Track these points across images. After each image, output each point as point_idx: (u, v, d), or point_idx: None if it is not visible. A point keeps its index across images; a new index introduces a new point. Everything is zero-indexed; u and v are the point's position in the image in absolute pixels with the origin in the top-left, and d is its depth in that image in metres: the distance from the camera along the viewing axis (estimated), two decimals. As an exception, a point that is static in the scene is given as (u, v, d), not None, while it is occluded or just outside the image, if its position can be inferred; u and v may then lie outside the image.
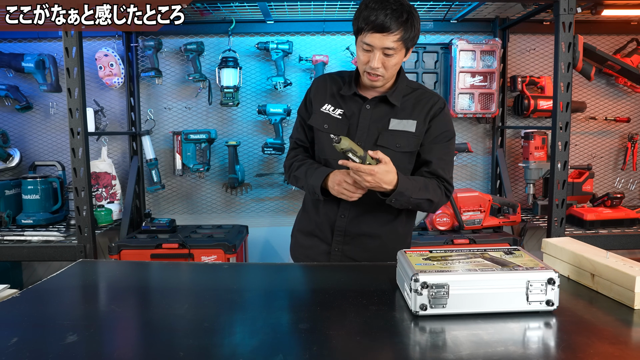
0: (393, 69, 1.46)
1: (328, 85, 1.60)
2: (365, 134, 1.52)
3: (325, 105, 1.57)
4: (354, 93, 1.55)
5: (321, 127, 1.56)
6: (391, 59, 1.43)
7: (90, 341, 0.94)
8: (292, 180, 1.63)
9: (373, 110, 1.53)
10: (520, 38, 3.00)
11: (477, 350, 0.85)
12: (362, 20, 1.40)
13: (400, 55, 1.44)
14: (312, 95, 1.61)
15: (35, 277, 3.02)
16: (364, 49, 1.43)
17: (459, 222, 2.58)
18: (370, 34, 1.39)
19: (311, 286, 1.28)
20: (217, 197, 3.06)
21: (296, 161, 1.62)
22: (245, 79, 2.93)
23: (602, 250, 1.19)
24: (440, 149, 1.53)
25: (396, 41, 1.39)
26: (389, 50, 1.40)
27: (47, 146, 2.99)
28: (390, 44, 1.39)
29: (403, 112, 1.53)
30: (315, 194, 1.51)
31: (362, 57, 1.45)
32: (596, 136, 3.09)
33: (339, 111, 1.55)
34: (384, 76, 1.46)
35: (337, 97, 1.57)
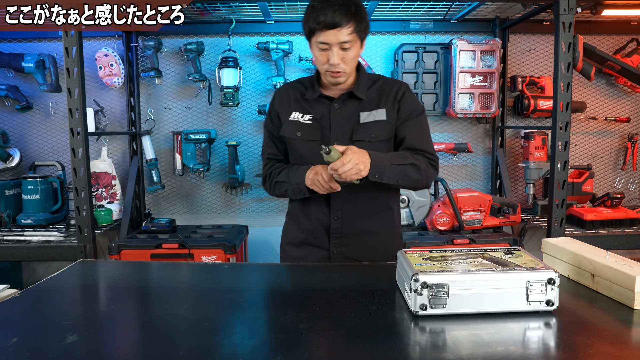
0: (352, 62, 1.49)
1: (291, 94, 1.61)
2: (339, 132, 1.54)
3: (293, 113, 1.58)
4: (319, 95, 1.56)
5: (294, 135, 1.57)
6: (349, 53, 1.46)
7: (90, 341, 0.94)
8: (275, 189, 1.61)
9: (342, 109, 1.55)
10: (520, 38, 3.00)
11: (477, 350, 0.85)
12: (312, 22, 1.43)
13: (356, 47, 1.47)
14: (278, 107, 1.61)
15: (35, 277, 3.02)
16: (321, 48, 1.46)
17: (459, 222, 2.58)
18: (324, 32, 1.42)
19: (311, 286, 1.28)
20: (217, 197, 3.06)
21: (275, 169, 1.62)
22: (245, 79, 2.93)
23: (602, 250, 1.19)
24: (412, 125, 1.56)
25: (350, 34, 1.43)
26: (345, 44, 1.44)
27: (47, 146, 2.99)
28: (345, 38, 1.43)
29: (370, 104, 1.56)
30: (301, 191, 1.51)
31: (320, 58, 1.48)
32: (596, 136, 3.09)
33: (308, 116, 1.57)
34: (345, 71, 1.49)
35: (302, 103, 1.59)
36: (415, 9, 2.73)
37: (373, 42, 2.97)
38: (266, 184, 1.65)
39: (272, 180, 1.61)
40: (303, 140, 1.56)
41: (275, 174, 1.61)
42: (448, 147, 2.94)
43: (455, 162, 3.05)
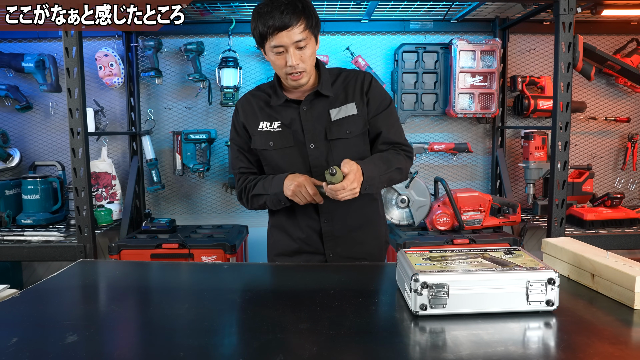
0: (310, 60, 1.47)
1: (254, 103, 1.58)
2: (312, 134, 1.52)
3: (260, 123, 1.55)
4: (285, 100, 1.53)
5: (266, 146, 1.54)
6: (306, 51, 1.44)
7: (90, 341, 0.94)
8: (252, 203, 1.57)
9: (311, 110, 1.53)
10: (520, 38, 3.00)
11: (477, 350, 0.85)
12: (261, 27, 1.40)
13: (312, 44, 1.46)
14: (243, 119, 1.58)
15: (35, 277, 3.02)
16: (276, 52, 1.43)
17: (459, 222, 2.58)
18: (276, 35, 1.39)
19: (311, 286, 1.28)
20: (217, 197, 3.06)
21: (248, 182, 1.58)
22: (245, 79, 2.93)
23: (602, 250, 1.19)
24: (384, 118, 1.55)
25: (302, 31, 1.41)
26: (300, 42, 1.41)
27: (47, 146, 2.99)
28: (299, 37, 1.40)
29: (338, 99, 1.54)
30: (281, 201, 1.49)
31: (277, 62, 1.45)
32: (596, 136, 3.09)
33: (277, 124, 1.54)
34: (306, 70, 1.46)
35: (268, 111, 1.56)
36: (415, 9, 2.73)
37: (373, 42, 2.97)
38: (242, 199, 1.61)
39: (248, 195, 1.57)
40: (276, 150, 1.53)
41: (250, 188, 1.56)
42: (448, 147, 2.94)
43: (455, 162, 3.05)
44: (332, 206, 1.52)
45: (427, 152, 2.97)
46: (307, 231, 1.57)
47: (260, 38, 1.44)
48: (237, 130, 1.60)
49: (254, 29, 1.44)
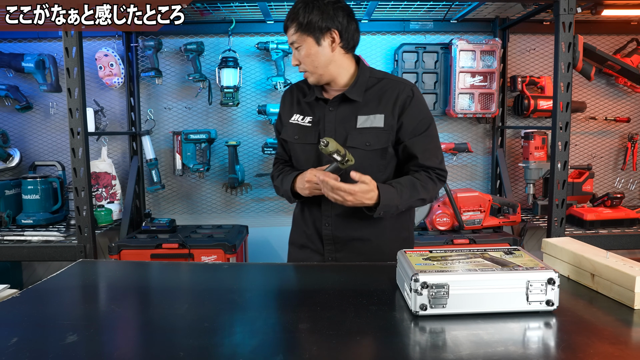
0: (307, 61, 1.48)
1: (294, 95, 1.60)
2: (332, 136, 1.45)
3: (293, 115, 1.57)
4: (315, 98, 1.53)
5: (292, 138, 1.56)
6: (300, 52, 1.47)
7: (90, 341, 0.94)
8: (276, 191, 1.65)
9: (337, 111, 1.49)
10: (520, 38, 3.00)
11: (477, 350, 0.85)
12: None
13: (307, 45, 1.46)
14: (281, 109, 1.63)
15: (35, 277, 3.02)
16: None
17: (459, 222, 2.58)
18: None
19: (311, 286, 1.28)
20: (217, 197, 3.06)
21: (276, 172, 1.65)
22: (245, 79, 2.93)
23: (602, 250, 1.19)
24: (422, 141, 1.47)
25: (294, 34, 1.45)
26: (293, 45, 1.48)
27: (47, 146, 2.99)
28: (292, 38, 1.47)
29: (367, 106, 1.47)
30: (290, 198, 1.54)
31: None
32: (596, 136, 3.09)
33: (308, 119, 1.54)
34: (308, 70, 1.49)
35: (303, 105, 1.56)
36: (415, 9, 2.73)
37: (373, 42, 2.97)
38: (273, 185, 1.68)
39: (274, 184, 1.65)
40: (299, 144, 1.55)
41: (275, 177, 1.64)
42: (448, 147, 2.94)
43: (455, 162, 3.05)
44: (334, 212, 1.50)
45: (427, 152, 2.97)
46: (311, 228, 1.57)
47: None
48: (279, 118, 1.66)
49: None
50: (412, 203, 1.46)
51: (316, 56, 1.46)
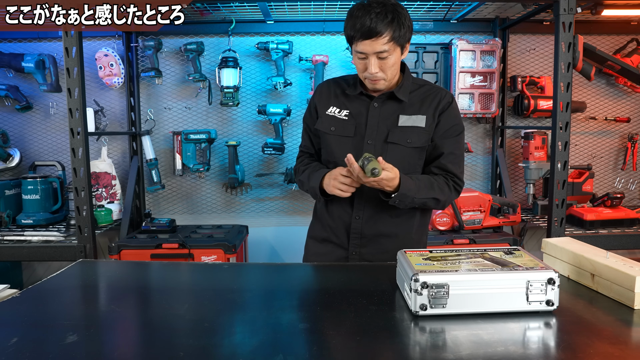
0: (392, 69, 1.46)
1: (332, 89, 1.61)
2: (375, 132, 1.51)
3: (330, 108, 1.57)
4: (360, 93, 1.55)
5: (328, 130, 1.56)
6: (387, 61, 1.43)
7: (90, 341, 0.94)
8: (299, 185, 1.65)
9: (381, 108, 1.53)
10: (520, 38, 3.00)
11: (477, 350, 0.85)
12: (350, 29, 1.42)
13: (395, 55, 1.44)
14: (317, 101, 1.61)
15: (35, 277, 3.02)
16: (359, 57, 1.45)
17: (459, 222, 2.58)
18: (361, 42, 1.40)
19: (311, 286, 1.28)
20: (217, 197, 3.06)
21: (302, 165, 1.64)
22: (245, 79, 2.93)
23: (602, 250, 1.19)
24: (450, 143, 1.53)
25: (386, 43, 1.40)
26: (382, 53, 1.41)
27: (47, 146, 2.99)
28: (381, 48, 1.40)
29: (411, 107, 1.53)
30: (317, 195, 1.53)
31: (359, 65, 1.47)
32: (596, 136, 3.09)
33: (345, 112, 1.55)
34: (385, 79, 1.47)
35: (341, 99, 1.57)
36: (415, 9, 2.73)
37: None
38: (295, 179, 1.69)
39: (298, 178, 1.64)
40: (336, 136, 1.54)
41: (300, 172, 1.63)
42: (448, 147, 2.93)
43: (455, 162, 3.05)
44: (368, 204, 1.52)
45: (427, 152, 2.97)
46: (337, 222, 1.56)
47: (349, 39, 1.46)
48: (309, 110, 1.64)
49: (345, 29, 1.46)
50: (427, 200, 1.49)
51: (398, 65, 1.50)
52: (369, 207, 1.53)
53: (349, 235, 1.55)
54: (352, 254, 1.55)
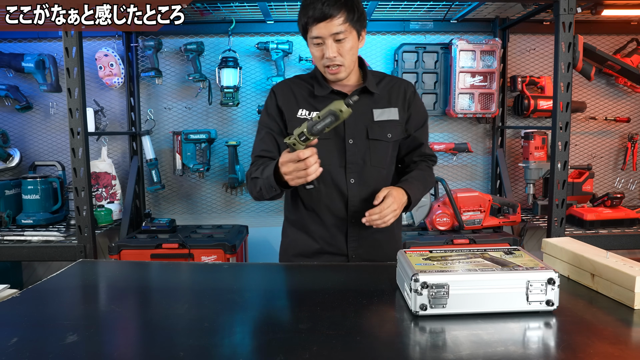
0: (349, 54, 1.45)
1: (295, 90, 1.55)
2: (353, 130, 1.50)
3: (299, 110, 1.52)
4: (330, 91, 1.52)
5: None
6: (344, 44, 1.42)
7: (90, 341, 0.94)
8: (250, 187, 1.50)
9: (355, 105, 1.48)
10: (520, 38, 3.00)
11: (477, 350, 0.85)
12: (303, 17, 1.42)
13: (352, 38, 1.43)
14: (281, 103, 1.54)
15: (35, 277, 3.02)
16: (315, 43, 1.43)
17: (459, 222, 2.58)
18: (316, 26, 1.39)
19: (311, 286, 1.28)
20: (217, 197, 3.06)
21: (254, 166, 1.51)
22: (245, 79, 2.93)
23: (602, 250, 1.19)
24: (424, 132, 1.62)
25: (342, 24, 1.39)
26: (338, 35, 1.40)
27: (47, 146, 2.99)
28: (337, 29, 1.39)
29: (382, 100, 1.54)
30: (272, 187, 1.39)
31: (316, 53, 1.45)
32: (596, 136, 3.09)
33: (315, 114, 1.46)
34: (344, 64, 1.45)
35: (310, 100, 1.53)
36: (415, 9, 2.73)
37: (373, 42, 2.97)
38: (247, 185, 1.52)
39: (249, 177, 1.49)
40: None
41: (252, 172, 1.49)
42: (448, 147, 2.94)
43: (455, 162, 3.05)
44: (362, 206, 1.50)
45: (427, 152, 2.97)
46: (332, 230, 1.53)
47: (303, 29, 1.45)
48: (269, 113, 1.55)
49: (299, 20, 1.46)
50: (424, 192, 1.59)
51: (355, 51, 1.48)
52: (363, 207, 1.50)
53: (347, 241, 1.54)
54: (352, 257, 1.54)
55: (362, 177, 1.51)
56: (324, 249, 1.55)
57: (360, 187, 1.51)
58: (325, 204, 1.52)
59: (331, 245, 1.54)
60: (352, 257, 1.54)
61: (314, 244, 1.55)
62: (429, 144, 1.65)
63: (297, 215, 1.58)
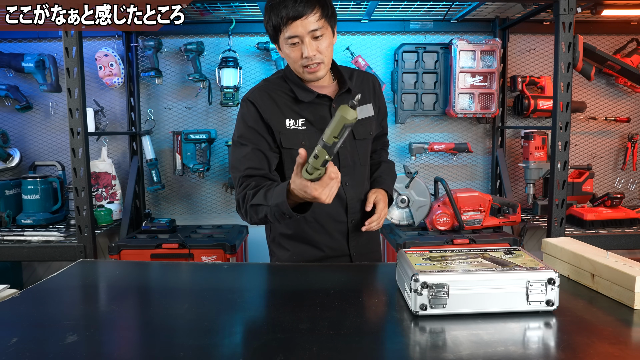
0: (327, 51, 1.40)
1: (275, 99, 1.46)
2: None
3: (287, 120, 1.44)
4: (317, 96, 1.45)
5: (299, 145, 1.39)
6: (322, 41, 1.38)
7: (90, 341, 0.94)
8: (250, 215, 1.38)
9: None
10: (520, 38, 3.00)
11: (477, 350, 0.85)
12: (275, 18, 1.35)
13: (328, 35, 1.40)
14: (267, 115, 1.43)
15: (35, 277, 3.02)
16: (291, 43, 1.36)
17: (459, 222, 2.58)
18: (291, 25, 1.33)
19: (311, 286, 1.28)
20: (217, 197, 3.06)
21: (249, 189, 1.37)
22: (245, 79, 2.93)
23: (602, 250, 1.19)
24: (386, 121, 1.70)
25: (318, 20, 1.35)
26: (315, 32, 1.35)
27: (47, 146, 2.99)
28: (314, 25, 1.34)
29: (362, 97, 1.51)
30: (284, 214, 1.28)
31: (293, 55, 1.38)
32: (596, 136, 3.09)
33: (301, 121, 1.44)
34: (324, 62, 1.40)
35: (292, 107, 1.46)
36: (415, 9, 2.73)
37: (373, 42, 2.97)
38: (241, 210, 1.41)
39: (247, 204, 1.37)
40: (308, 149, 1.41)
41: (249, 196, 1.36)
42: (448, 147, 2.94)
43: (455, 162, 3.05)
44: (358, 206, 1.53)
45: (427, 152, 2.97)
46: (335, 236, 1.52)
47: (273, 31, 1.38)
48: (250, 126, 1.43)
49: (267, 23, 1.39)
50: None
51: (332, 47, 1.44)
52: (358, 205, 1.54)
53: (348, 241, 1.54)
54: (353, 255, 1.55)
55: (354, 177, 1.52)
56: (327, 255, 1.53)
57: (354, 188, 1.52)
58: (327, 212, 1.49)
59: (335, 249, 1.53)
60: (354, 254, 1.55)
61: (317, 252, 1.52)
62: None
63: (296, 229, 1.52)
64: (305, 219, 1.47)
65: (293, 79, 1.47)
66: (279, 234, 1.57)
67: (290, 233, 1.54)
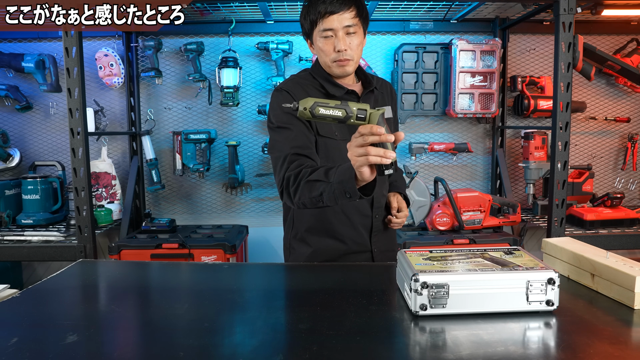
0: (358, 50, 1.46)
1: (308, 91, 1.49)
2: None
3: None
4: (346, 92, 1.50)
5: (332, 135, 1.45)
6: (354, 39, 1.43)
7: (90, 341, 0.94)
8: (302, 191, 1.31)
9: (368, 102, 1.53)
10: (520, 38, 3.00)
11: (477, 350, 0.85)
12: (312, 14, 1.42)
13: (360, 35, 1.45)
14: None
15: (35, 277, 3.02)
16: (325, 36, 1.42)
17: (459, 222, 2.58)
18: (328, 18, 1.39)
19: (311, 286, 1.28)
20: (217, 197, 3.06)
21: (305, 167, 1.33)
22: (245, 79, 2.93)
23: (602, 250, 1.19)
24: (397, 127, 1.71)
25: (353, 17, 1.41)
26: (349, 28, 1.41)
27: (47, 146, 2.99)
28: (349, 22, 1.40)
29: (382, 99, 1.58)
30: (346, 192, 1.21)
31: (325, 47, 1.43)
32: (596, 136, 3.09)
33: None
34: (354, 59, 1.45)
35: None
36: (415, 9, 2.73)
37: (373, 42, 2.97)
38: (290, 188, 1.34)
39: (301, 180, 1.31)
40: (339, 141, 1.45)
41: (305, 173, 1.31)
42: (448, 147, 2.94)
43: (455, 162, 3.05)
44: (382, 201, 1.59)
45: (427, 152, 2.98)
46: (359, 229, 1.54)
47: (310, 25, 1.44)
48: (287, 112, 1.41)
49: (304, 18, 1.45)
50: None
51: (362, 48, 1.49)
52: (382, 201, 1.59)
53: (370, 237, 1.56)
54: (374, 251, 1.58)
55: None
56: (350, 249, 1.54)
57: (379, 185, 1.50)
58: (354, 205, 1.51)
59: (358, 244, 1.55)
60: (374, 251, 1.57)
61: (341, 246, 1.53)
62: None
63: (321, 223, 1.53)
64: (333, 210, 1.50)
65: (322, 74, 1.51)
66: (305, 229, 1.55)
67: (317, 226, 1.53)
